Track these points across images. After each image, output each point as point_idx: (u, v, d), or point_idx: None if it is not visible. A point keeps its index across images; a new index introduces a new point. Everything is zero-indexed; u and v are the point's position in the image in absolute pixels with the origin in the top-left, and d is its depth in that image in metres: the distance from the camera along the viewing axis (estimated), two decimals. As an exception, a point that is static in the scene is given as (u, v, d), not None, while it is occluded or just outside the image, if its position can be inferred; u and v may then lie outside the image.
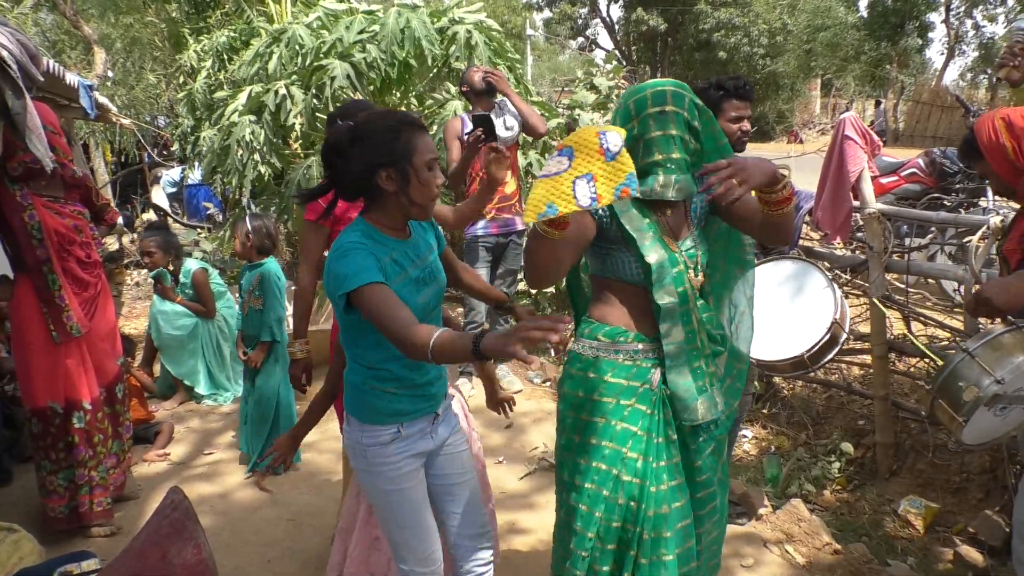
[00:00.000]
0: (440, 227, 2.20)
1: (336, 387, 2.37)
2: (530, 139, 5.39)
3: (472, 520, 2.17)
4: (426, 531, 2.05)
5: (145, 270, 8.82)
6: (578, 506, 1.99)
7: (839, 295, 3.12)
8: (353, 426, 2.00)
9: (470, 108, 4.82)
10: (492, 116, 3.60)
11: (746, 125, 2.93)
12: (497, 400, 2.56)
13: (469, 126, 4.43)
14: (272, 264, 4.01)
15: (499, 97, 4.49)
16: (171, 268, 4.89)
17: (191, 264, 5.00)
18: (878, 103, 22.00)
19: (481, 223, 4.65)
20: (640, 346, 2.01)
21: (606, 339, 2.02)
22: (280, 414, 3.97)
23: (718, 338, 2.11)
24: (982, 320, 3.28)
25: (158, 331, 4.91)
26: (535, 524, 3.31)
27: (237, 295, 4.35)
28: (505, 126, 4.46)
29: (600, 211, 1.95)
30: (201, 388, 4.96)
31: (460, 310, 5.24)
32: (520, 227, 4.77)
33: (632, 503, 1.95)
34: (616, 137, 1.59)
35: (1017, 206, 2.46)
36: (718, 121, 2.23)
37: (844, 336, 3.12)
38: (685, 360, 1.99)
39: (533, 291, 5.79)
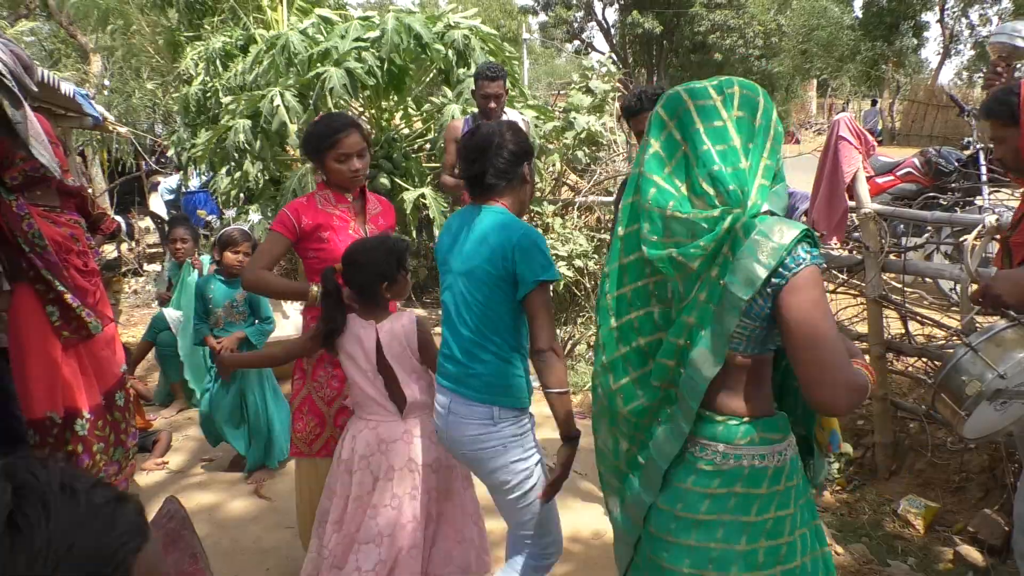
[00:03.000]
0: None
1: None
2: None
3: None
4: None
5: (143, 279, 8.86)
6: None
7: None
8: (509, 419, 2.14)
9: (469, 112, 4.82)
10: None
11: None
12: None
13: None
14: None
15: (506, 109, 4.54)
16: (193, 258, 4.94)
17: (206, 259, 5.05)
18: (874, 102, 22.04)
19: None
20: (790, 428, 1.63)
21: (778, 435, 1.56)
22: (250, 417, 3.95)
23: None
24: (980, 319, 3.29)
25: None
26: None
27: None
28: None
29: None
30: None
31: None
32: None
33: None
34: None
35: (1013, 206, 2.45)
36: None
37: None
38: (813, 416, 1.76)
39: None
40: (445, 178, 4.78)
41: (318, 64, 5.05)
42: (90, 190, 6.83)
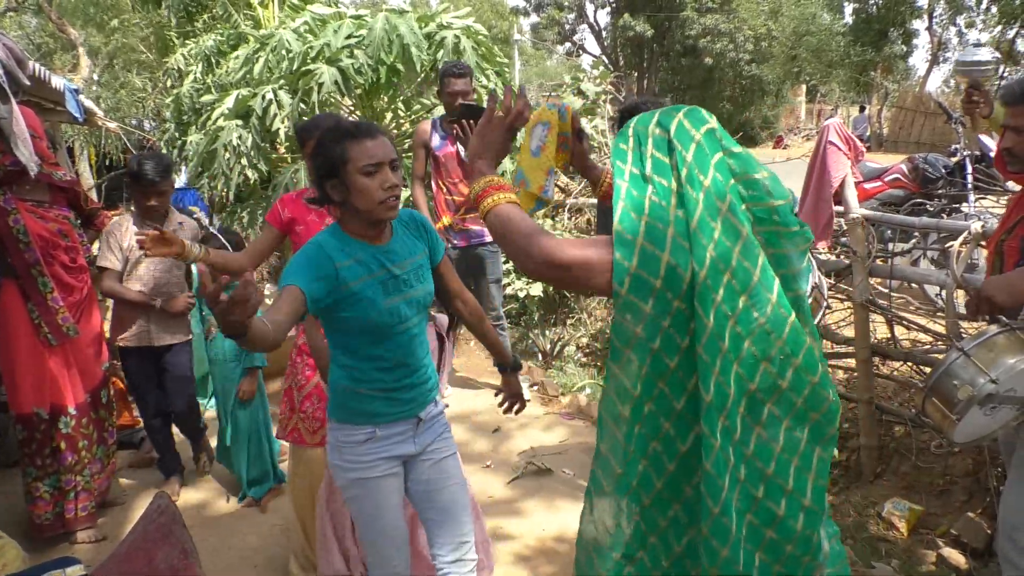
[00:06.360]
0: (439, 238, 2.17)
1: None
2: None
3: (452, 529, 2.13)
4: (392, 537, 2.04)
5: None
6: None
7: None
8: (332, 425, 2.03)
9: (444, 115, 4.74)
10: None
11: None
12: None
13: (439, 132, 4.39)
14: None
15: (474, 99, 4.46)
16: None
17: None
18: (862, 108, 22.20)
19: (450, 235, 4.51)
20: None
21: None
22: (263, 434, 3.74)
23: None
24: (964, 324, 3.32)
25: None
26: (521, 530, 3.32)
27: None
28: None
29: None
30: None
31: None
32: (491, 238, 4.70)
33: None
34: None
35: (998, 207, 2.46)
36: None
37: None
38: None
39: (521, 295, 5.79)
40: (418, 197, 4.65)
41: (310, 61, 5.04)
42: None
